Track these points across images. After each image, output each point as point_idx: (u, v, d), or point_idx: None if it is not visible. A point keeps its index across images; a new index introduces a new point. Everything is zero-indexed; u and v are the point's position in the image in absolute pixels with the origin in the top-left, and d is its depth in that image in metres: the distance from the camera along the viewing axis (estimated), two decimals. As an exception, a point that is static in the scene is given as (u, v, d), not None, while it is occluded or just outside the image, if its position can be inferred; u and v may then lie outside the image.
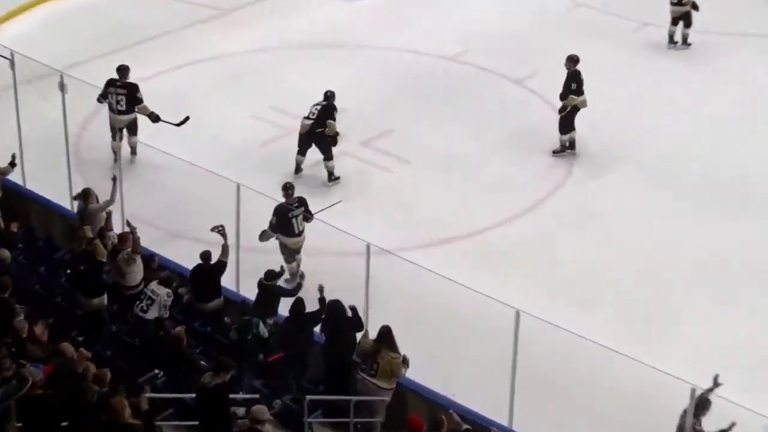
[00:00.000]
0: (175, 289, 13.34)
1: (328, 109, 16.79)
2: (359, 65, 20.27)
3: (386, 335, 12.33)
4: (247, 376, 12.17)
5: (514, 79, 19.84)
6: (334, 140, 16.85)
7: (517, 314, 11.81)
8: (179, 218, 15.85)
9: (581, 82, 17.46)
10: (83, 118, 17.86)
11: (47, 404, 10.24)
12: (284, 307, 13.25)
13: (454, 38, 21.19)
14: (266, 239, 14.72)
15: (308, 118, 16.81)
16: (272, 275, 13.51)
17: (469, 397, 12.60)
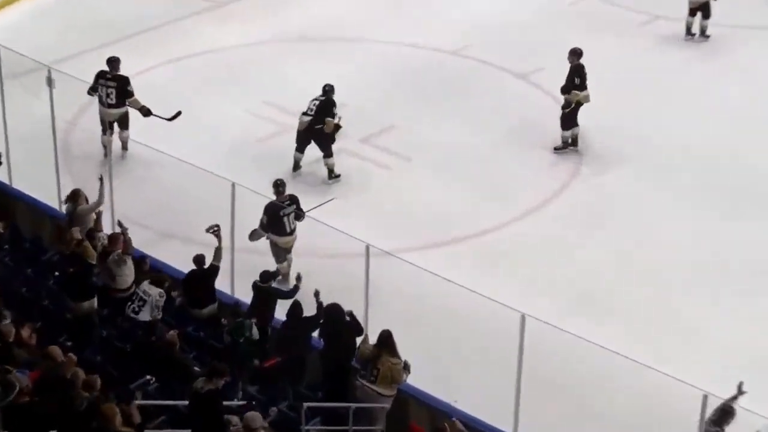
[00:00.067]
0: (167, 289, 13.25)
1: (327, 104, 16.70)
2: (358, 59, 20.21)
3: (387, 340, 12.27)
4: (241, 381, 12.12)
5: (517, 73, 19.79)
6: (332, 137, 16.78)
7: (522, 318, 11.77)
8: (172, 218, 15.81)
9: (585, 76, 17.38)
10: (72, 114, 17.81)
11: (34, 412, 10.16)
12: (281, 310, 13.20)
13: (455, 31, 21.11)
14: (257, 238, 14.65)
15: (306, 114, 16.71)
16: (268, 277, 13.45)
17: (472, 403, 12.56)
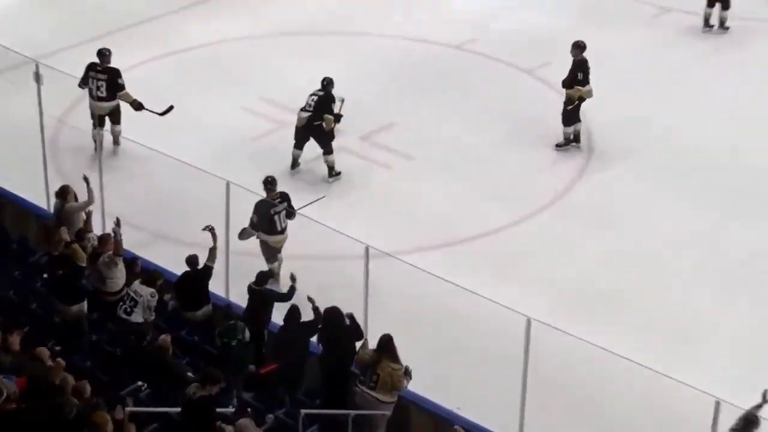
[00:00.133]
0: (159, 288, 13.15)
1: (326, 98, 16.61)
2: (357, 54, 20.17)
3: (387, 345, 12.25)
4: (235, 387, 12.09)
5: (523, 68, 19.77)
6: (332, 133, 16.73)
7: (528, 322, 11.74)
8: (164, 217, 15.78)
9: (588, 70, 17.35)
10: (60, 110, 17.78)
11: (22, 419, 10.15)
12: (278, 314, 13.16)
13: (460, 25, 21.09)
14: (246, 237, 14.61)
15: (305, 109, 16.64)
16: (263, 279, 13.41)
17: (475, 409, 12.57)
